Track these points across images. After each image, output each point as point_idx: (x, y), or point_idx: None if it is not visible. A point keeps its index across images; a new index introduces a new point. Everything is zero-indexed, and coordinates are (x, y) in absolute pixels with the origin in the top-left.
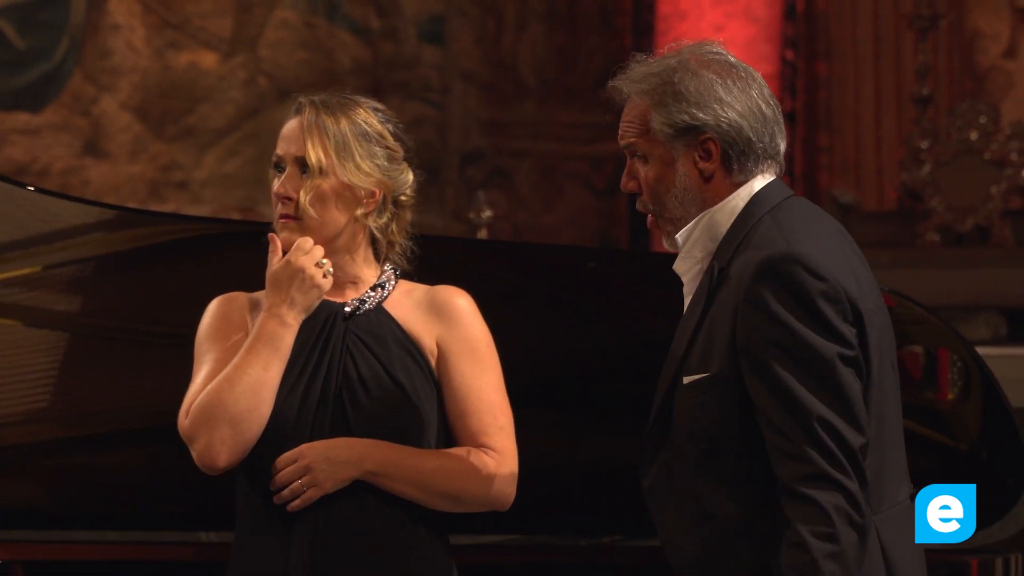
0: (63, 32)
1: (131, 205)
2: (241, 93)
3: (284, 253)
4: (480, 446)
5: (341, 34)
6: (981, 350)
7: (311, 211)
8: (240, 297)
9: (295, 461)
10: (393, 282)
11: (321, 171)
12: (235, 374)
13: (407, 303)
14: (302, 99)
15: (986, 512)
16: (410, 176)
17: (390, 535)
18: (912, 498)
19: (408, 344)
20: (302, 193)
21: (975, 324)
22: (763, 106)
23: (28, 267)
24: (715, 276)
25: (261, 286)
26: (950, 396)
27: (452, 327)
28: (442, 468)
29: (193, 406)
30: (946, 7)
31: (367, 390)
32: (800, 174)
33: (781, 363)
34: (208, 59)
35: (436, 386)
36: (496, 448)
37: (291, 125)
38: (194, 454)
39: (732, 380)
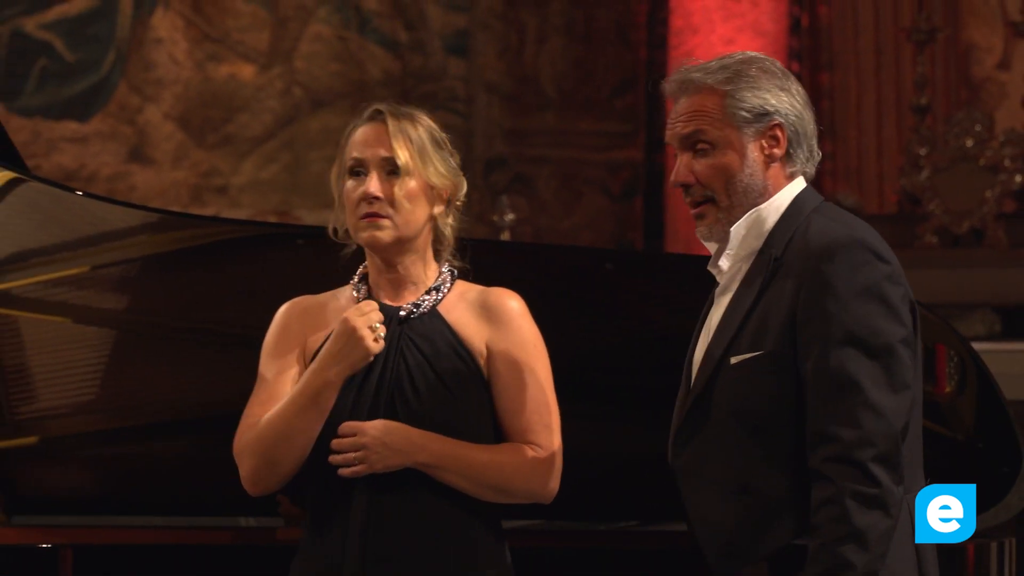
0: (110, 45)
1: (174, 209)
2: (277, 103)
3: (372, 249)
4: (528, 443)
5: (371, 47)
6: (977, 346)
7: (406, 206)
8: (301, 306)
9: (355, 434)
10: (449, 284)
11: (408, 171)
12: (277, 421)
13: (460, 305)
14: (379, 107)
15: (981, 499)
16: (464, 181)
17: (443, 525)
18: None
19: (458, 346)
20: (397, 191)
21: (971, 321)
22: (809, 110)
23: (77, 267)
24: (771, 265)
25: (294, 285)
26: (948, 389)
27: (501, 329)
28: (492, 462)
29: (243, 437)
30: (943, 21)
31: (415, 389)
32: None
33: (842, 344)
34: (246, 71)
35: (486, 386)
36: (543, 445)
37: (371, 130)
38: (240, 472)
39: (786, 358)
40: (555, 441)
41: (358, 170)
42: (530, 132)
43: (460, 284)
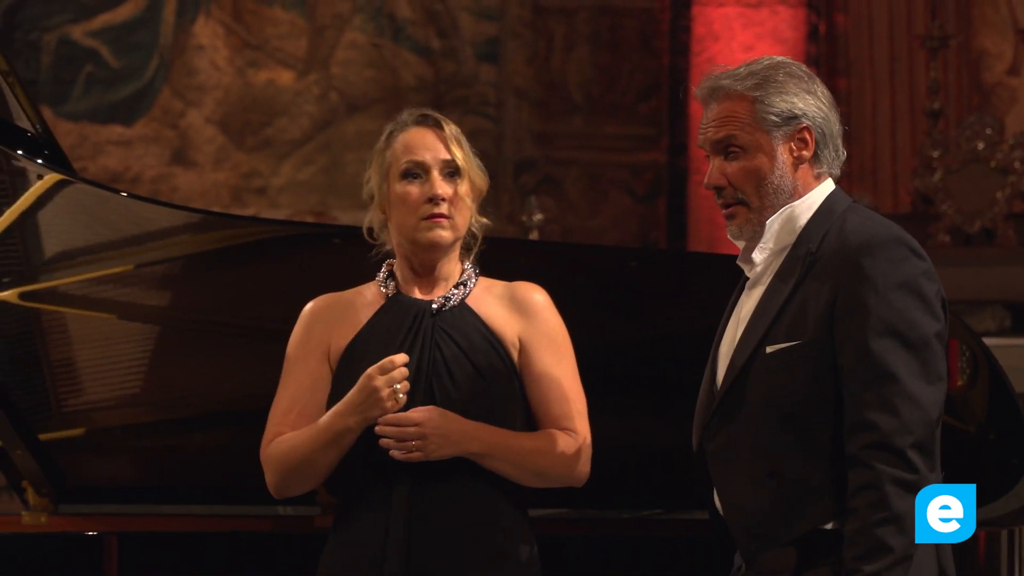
0: (153, 52)
1: (215, 209)
2: (315, 107)
3: (430, 249)
4: (563, 429)
5: (405, 54)
6: (987, 341)
7: (466, 205)
8: (326, 305)
9: (416, 424)
10: (474, 279)
11: (465, 173)
12: (301, 450)
13: (488, 299)
14: (430, 113)
15: (992, 489)
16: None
17: (480, 509)
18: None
19: (491, 337)
20: (461, 192)
21: (982, 317)
22: (836, 112)
23: (121, 266)
24: (807, 260)
25: (331, 283)
26: (959, 382)
27: (532, 322)
28: (536, 449)
29: (268, 449)
30: (955, 29)
31: (453, 379)
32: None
33: (881, 335)
34: (285, 77)
35: (517, 376)
36: (578, 431)
37: (425, 134)
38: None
39: (824, 348)
40: (587, 427)
41: (415, 172)
42: (558, 135)
43: (483, 279)
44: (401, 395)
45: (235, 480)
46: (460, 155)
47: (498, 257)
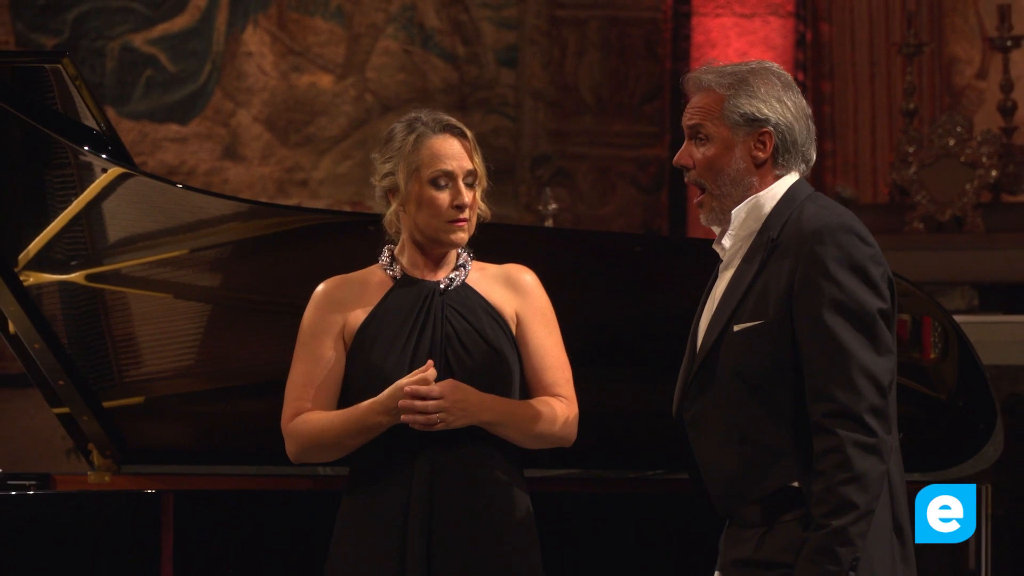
0: (206, 58)
1: (262, 199)
2: (352, 107)
3: (449, 245)
4: (555, 396)
5: (433, 59)
6: (958, 318)
7: (480, 209)
8: (339, 286)
9: (438, 398)
10: (470, 263)
11: (482, 181)
12: (329, 434)
13: (485, 279)
14: (456, 124)
15: (962, 451)
16: None
17: (490, 469)
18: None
19: (493, 313)
20: (478, 196)
21: (952, 297)
22: (807, 119)
23: (177, 250)
24: (768, 246)
25: (365, 265)
26: (932, 355)
27: (526, 299)
28: (538, 415)
29: (292, 425)
30: (929, 37)
31: (467, 351)
32: (810, 173)
33: (832, 314)
34: (325, 80)
35: (516, 347)
36: (568, 396)
37: (453, 144)
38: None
39: (784, 325)
40: (574, 393)
41: (444, 182)
42: (571, 133)
43: (475, 262)
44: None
45: (279, 443)
46: (479, 164)
47: (517, 241)
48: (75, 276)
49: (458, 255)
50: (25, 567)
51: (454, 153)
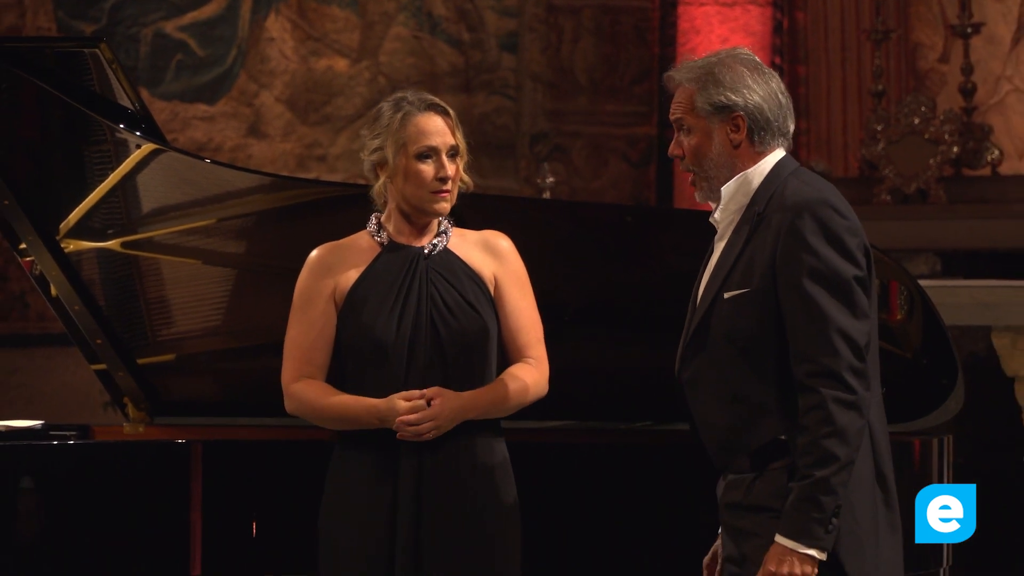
0: (232, 43)
1: (283, 173)
2: (366, 89)
3: (433, 215)
4: (527, 355)
5: (440, 45)
6: (922, 282)
7: (461, 180)
8: (331, 252)
9: (433, 419)
10: (451, 229)
11: (463, 155)
12: (326, 413)
13: (465, 244)
14: (439, 102)
15: (925, 405)
16: None
17: (475, 434)
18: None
19: (473, 276)
20: (459, 170)
21: (917, 263)
22: (779, 95)
23: (206, 220)
24: (755, 219)
25: None
26: (899, 316)
27: (504, 263)
28: (515, 391)
29: (295, 388)
30: (895, 24)
31: (452, 314)
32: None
33: (812, 282)
34: (341, 63)
35: (493, 308)
36: (537, 356)
37: (436, 121)
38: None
39: (769, 293)
40: (544, 351)
41: (428, 155)
42: (566, 112)
43: (455, 228)
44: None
45: None
46: (461, 140)
47: (518, 212)
48: (111, 243)
49: (439, 223)
50: (67, 511)
51: (438, 129)
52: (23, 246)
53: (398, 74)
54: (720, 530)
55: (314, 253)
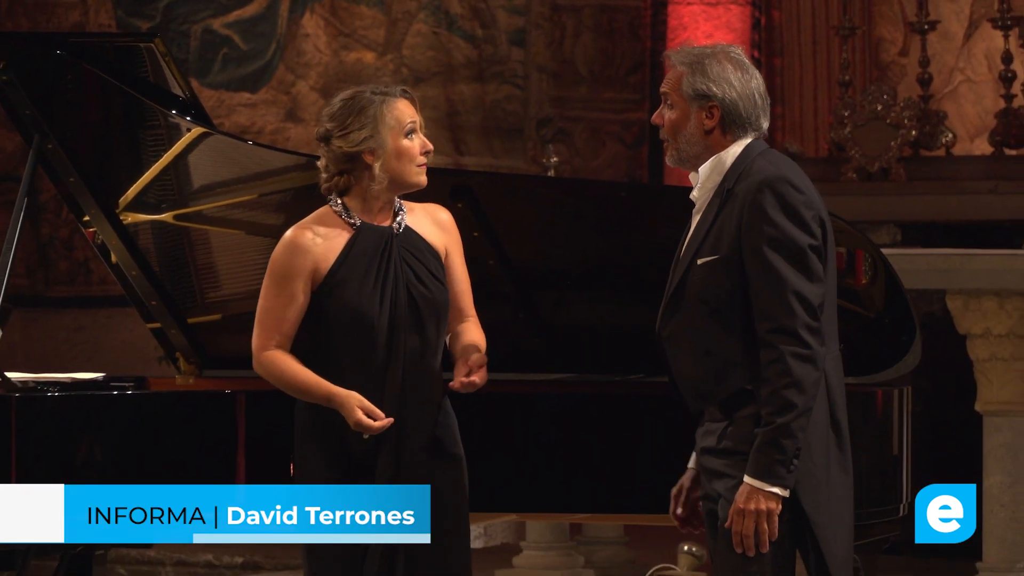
0: (272, 38)
1: (317, 154)
2: (390, 79)
3: (415, 187)
4: (468, 315)
5: (457, 40)
6: (884, 251)
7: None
8: (306, 233)
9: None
10: (403, 206)
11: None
12: (293, 386)
13: (417, 220)
14: (407, 88)
15: (886, 359)
16: None
17: (437, 384)
18: (841, 352)
19: (433, 251)
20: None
21: (880, 233)
22: (756, 95)
23: (248, 195)
24: (725, 194)
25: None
26: (864, 281)
27: (450, 235)
28: (479, 341)
29: (267, 356)
30: (860, 21)
31: (425, 286)
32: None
33: (771, 249)
34: (368, 56)
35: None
36: (475, 315)
37: (410, 105)
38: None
39: (735, 260)
40: None
41: (412, 132)
42: (569, 100)
43: (404, 203)
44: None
45: None
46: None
47: (525, 189)
48: (165, 216)
49: (396, 201)
50: (125, 453)
51: (413, 111)
52: (86, 218)
53: (419, 66)
54: (689, 465)
55: (290, 233)
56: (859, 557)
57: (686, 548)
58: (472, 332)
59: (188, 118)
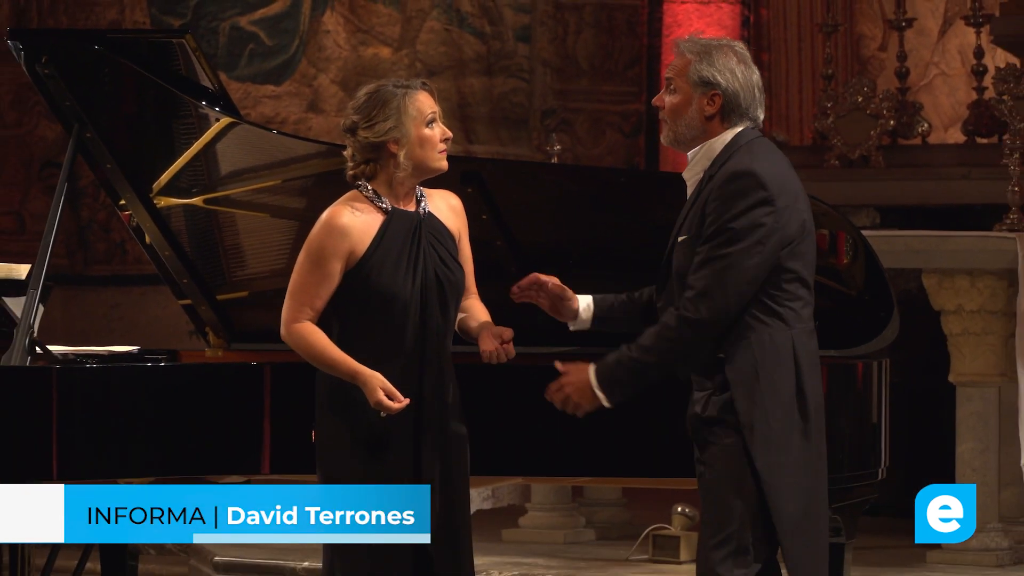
0: (295, 35)
1: (336, 142)
2: (405, 73)
3: (437, 172)
4: (472, 292)
5: (467, 36)
6: (865, 232)
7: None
8: (348, 216)
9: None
10: (424, 194)
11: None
12: (322, 360)
13: (435, 205)
14: (427, 82)
15: (866, 333)
16: None
17: (450, 360)
18: (816, 328)
19: (451, 235)
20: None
21: (860, 216)
22: (756, 89)
23: (273, 180)
24: (706, 179)
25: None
26: (845, 261)
27: (460, 220)
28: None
29: (297, 328)
30: (842, 19)
31: (448, 268)
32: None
33: (719, 233)
34: (385, 51)
35: None
36: (476, 292)
37: (429, 96)
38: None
39: (700, 238)
40: None
41: (433, 120)
42: (571, 92)
43: (423, 190)
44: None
45: None
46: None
47: (531, 175)
48: (195, 200)
49: (417, 188)
50: (158, 421)
51: (432, 102)
52: (123, 202)
53: (432, 60)
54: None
55: (329, 215)
56: (840, 517)
57: (680, 509)
58: (481, 308)
59: (217, 109)
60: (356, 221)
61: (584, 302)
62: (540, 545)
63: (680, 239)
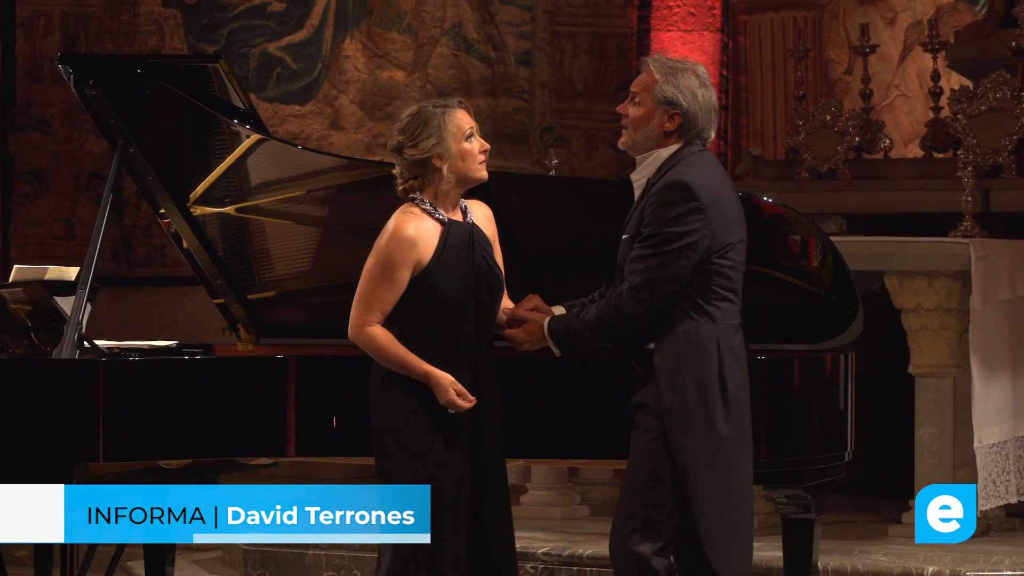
0: (318, 59)
1: (356, 157)
2: (418, 94)
3: (478, 182)
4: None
5: (473, 60)
6: (833, 238)
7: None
8: (419, 227)
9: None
10: (467, 205)
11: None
12: (395, 362)
13: (476, 216)
14: (462, 99)
15: (834, 329)
16: None
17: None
18: (740, 325)
19: (489, 241)
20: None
21: (828, 224)
22: (712, 111)
23: (298, 191)
24: (649, 185)
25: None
26: (815, 263)
27: (493, 227)
28: None
29: (370, 331)
30: (812, 45)
31: (495, 274)
32: (731, 139)
33: (651, 238)
34: (399, 75)
35: None
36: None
37: (467, 113)
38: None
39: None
40: None
41: (471, 135)
42: (567, 111)
43: (464, 202)
44: (451, 411)
45: None
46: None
47: (531, 186)
48: (228, 209)
49: (460, 200)
50: (194, 407)
51: (469, 118)
52: (162, 211)
53: (441, 83)
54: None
55: (396, 226)
56: (811, 495)
57: None
58: (509, 303)
59: (248, 126)
60: (421, 232)
61: (558, 311)
62: (539, 521)
63: (624, 236)
